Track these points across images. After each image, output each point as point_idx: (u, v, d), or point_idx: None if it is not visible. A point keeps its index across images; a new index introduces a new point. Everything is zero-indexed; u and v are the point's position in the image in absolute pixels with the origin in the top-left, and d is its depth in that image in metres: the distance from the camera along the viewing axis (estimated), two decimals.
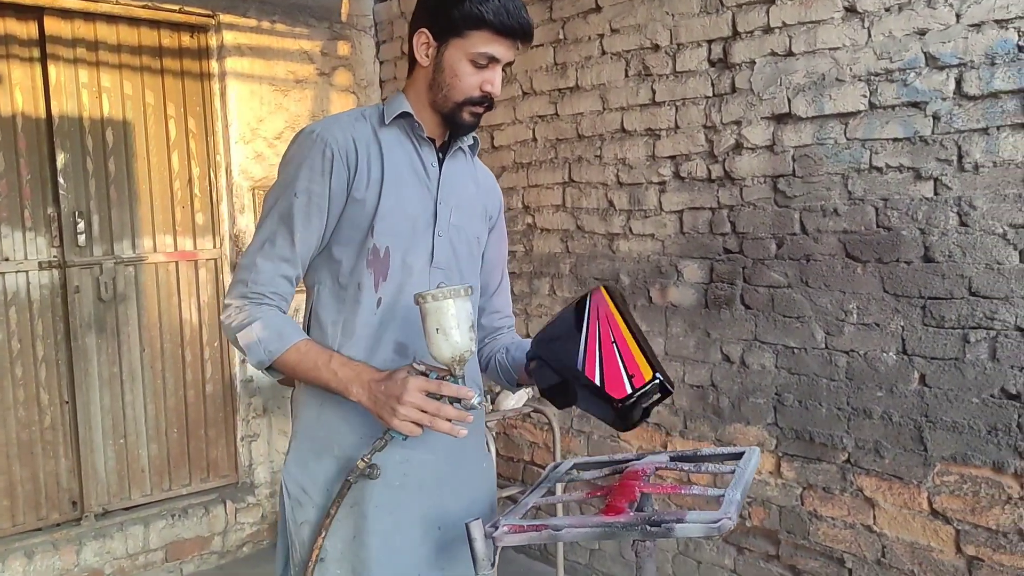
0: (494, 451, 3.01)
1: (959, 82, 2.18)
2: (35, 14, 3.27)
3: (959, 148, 2.19)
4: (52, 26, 3.30)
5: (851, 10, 2.38)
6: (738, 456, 1.46)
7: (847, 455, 2.48)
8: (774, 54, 2.56)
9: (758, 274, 2.66)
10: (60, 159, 3.32)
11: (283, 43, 3.83)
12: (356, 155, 1.45)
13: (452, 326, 1.29)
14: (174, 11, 3.52)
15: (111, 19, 3.44)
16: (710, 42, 2.74)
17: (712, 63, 2.74)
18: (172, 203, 3.64)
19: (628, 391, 1.27)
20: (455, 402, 1.32)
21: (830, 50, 2.43)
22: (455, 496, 1.53)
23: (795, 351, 2.58)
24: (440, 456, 1.50)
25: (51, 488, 3.36)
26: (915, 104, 2.27)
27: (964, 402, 2.23)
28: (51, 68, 3.30)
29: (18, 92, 3.24)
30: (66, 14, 3.32)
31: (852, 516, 2.48)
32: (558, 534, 1.24)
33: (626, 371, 1.29)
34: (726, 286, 2.75)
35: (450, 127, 1.51)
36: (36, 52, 3.29)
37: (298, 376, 1.44)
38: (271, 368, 1.44)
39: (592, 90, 3.15)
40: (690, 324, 2.88)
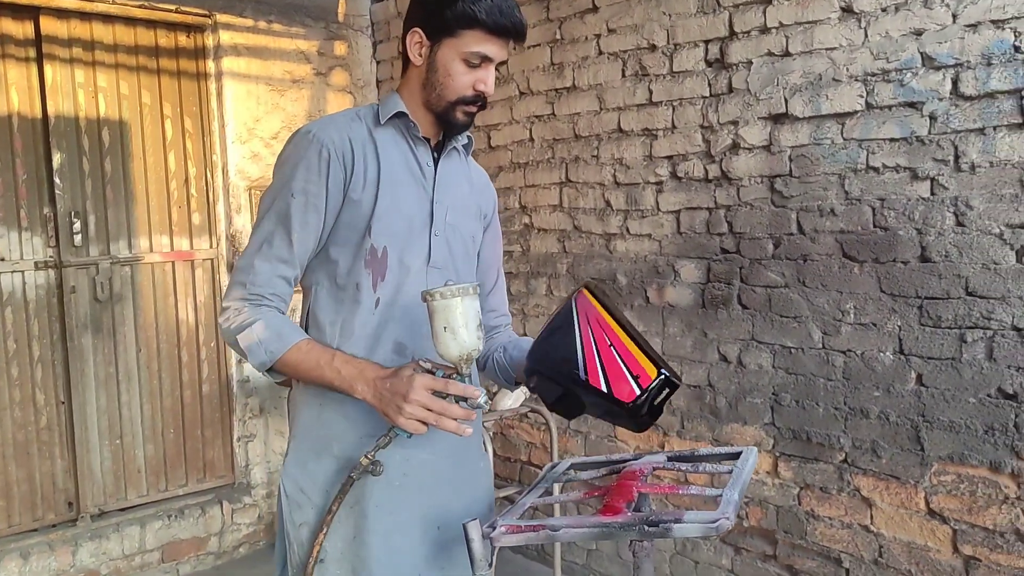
0: (491, 451, 3.01)
1: (955, 82, 2.18)
2: (31, 14, 3.26)
3: (956, 148, 2.19)
4: (48, 26, 3.29)
5: (848, 10, 2.38)
6: (735, 456, 1.46)
7: (844, 455, 2.48)
8: (771, 54, 2.56)
9: (755, 274, 2.66)
10: (56, 159, 3.32)
11: (279, 43, 3.83)
12: (352, 155, 1.44)
13: (460, 324, 1.28)
14: (170, 11, 3.51)
15: (107, 19, 3.43)
16: (707, 42, 2.74)
17: (709, 63, 2.74)
18: (168, 203, 3.63)
19: (637, 393, 1.26)
20: (461, 401, 1.31)
21: (827, 50, 2.43)
22: (455, 496, 1.53)
23: (792, 351, 2.58)
24: (440, 456, 1.50)
25: (47, 489, 3.35)
26: (912, 104, 2.27)
27: (961, 402, 2.23)
28: (47, 68, 3.29)
29: (14, 92, 3.23)
30: (62, 14, 3.31)
31: (849, 516, 2.49)
32: (556, 534, 1.23)
33: (630, 373, 1.28)
34: (723, 286, 2.76)
35: (444, 126, 1.51)
36: (32, 52, 3.28)
37: (300, 376, 1.44)
38: (272, 370, 1.42)
39: (589, 90, 3.15)
40: (687, 324, 2.88)
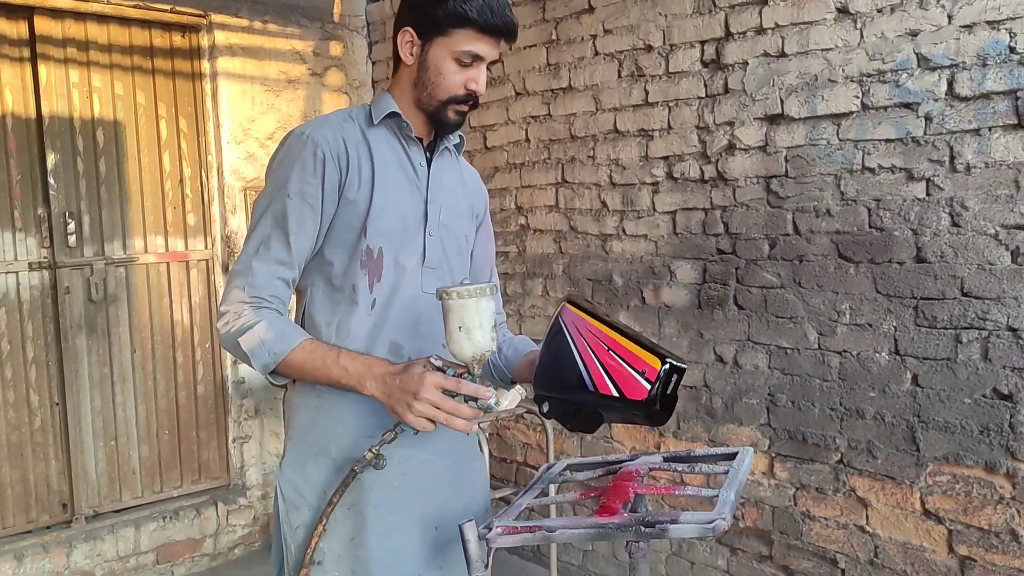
0: (487, 452, 3.00)
1: (951, 83, 2.19)
2: (25, 14, 3.25)
3: (951, 149, 2.20)
4: (42, 26, 3.28)
5: (843, 11, 2.38)
6: (731, 456, 1.46)
7: (840, 455, 2.48)
8: (767, 55, 2.57)
9: (751, 275, 2.66)
10: (50, 159, 3.30)
11: (275, 43, 3.82)
12: (347, 156, 1.44)
13: (475, 325, 1.28)
14: (165, 11, 3.50)
15: (102, 19, 3.42)
16: (703, 43, 2.74)
17: (705, 64, 2.75)
18: (163, 204, 3.62)
19: (647, 387, 1.27)
20: (470, 400, 1.31)
21: (822, 51, 2.43)
22: (454, 496, 1.53)
23: (788, 351, 2.58)
24: (439, 456, 1.50)
25: (41, 490, 3.34)
26: (907, 105, 2.27)
27: (956, 402, 2.23)
28: (41, 68, 3.28)
29: (8, 92, 3.22)
30: (56, 14, 3.30)
31: (845, 516, 2.49)
32: (552, 535, 1.23)
33: (636, 370, 1.28)
34: (719, 287, 2.76)
35: (435, 126, 1.51)
36: (26, 52, 3.27)
37: (305, 376, 1.41)
38: (274, 372, 1.40)
39: (585, 91, 3.15)
40: (683, 325, 2.88)
